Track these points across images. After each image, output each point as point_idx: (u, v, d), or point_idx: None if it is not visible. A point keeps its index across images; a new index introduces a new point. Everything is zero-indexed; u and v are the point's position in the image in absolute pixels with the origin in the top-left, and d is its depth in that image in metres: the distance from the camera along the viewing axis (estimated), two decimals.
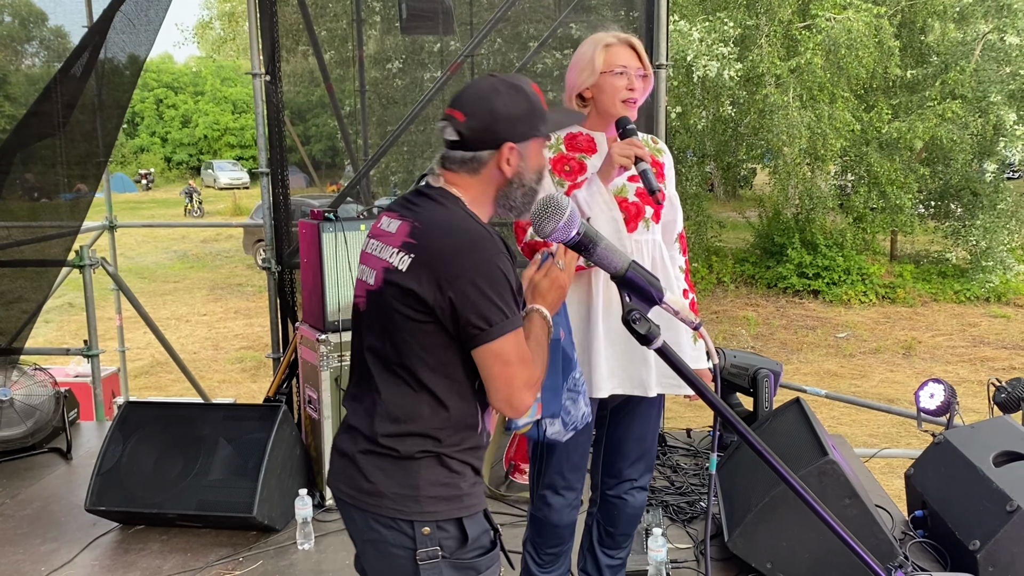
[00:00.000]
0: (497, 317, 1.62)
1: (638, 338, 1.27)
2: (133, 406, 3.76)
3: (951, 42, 16.19)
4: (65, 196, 5.06)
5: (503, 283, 1.63)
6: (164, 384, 10.66)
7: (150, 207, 29.49)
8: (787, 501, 3.01)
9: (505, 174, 1.73)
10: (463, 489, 1.73)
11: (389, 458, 1.70)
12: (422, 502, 1.68)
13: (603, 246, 1.29)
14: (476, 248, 1.63)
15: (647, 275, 1.27)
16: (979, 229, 15.42)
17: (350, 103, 6.51)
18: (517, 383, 1.66)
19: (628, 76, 2.40)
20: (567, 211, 1.32)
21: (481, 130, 1.71)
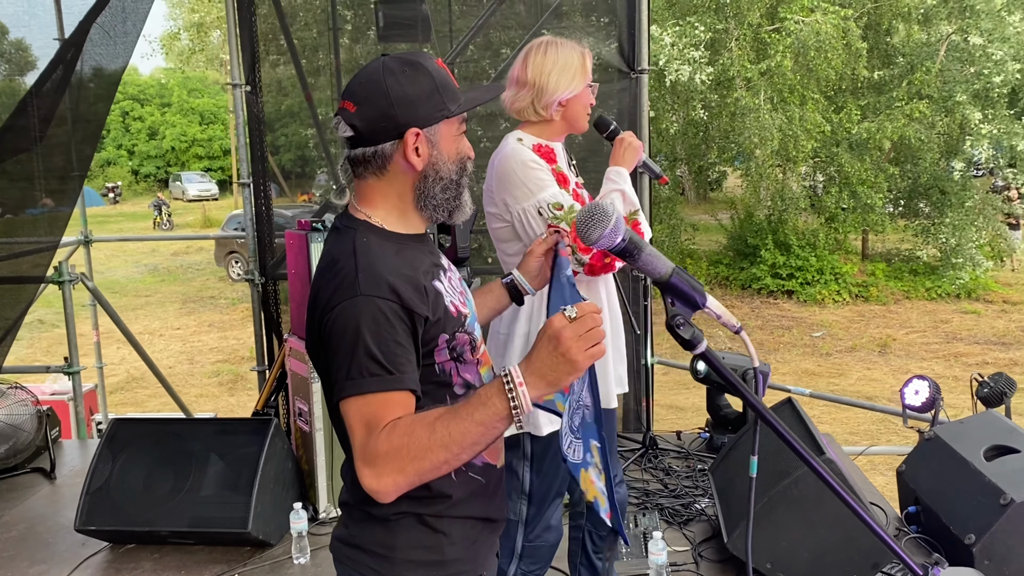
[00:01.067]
0: (339, 375, 1.39)
1: (683, 343, 1.27)
2: (121, 423, 3.70)
3: (916, 43, 16.47)
4: (30, 211, 4.98)
5: (348, 336, 1.38)
6: (140, 400, 10.54)
7: (118, 221, 29.15)
8: (786, 501, 3.02)
9: (416, 167, 1.50)
10: (447, 554, 1.54)
11: (367, 515, 1.54)
12: (397, 565, 1.52)
13: (648, 252, 1.29)
14: (335, 291, 1.41)
15: (690, 280, 1.27)
16: (948, 227, 15.67)
17: (322, 112, 6.48)
18: (356, 453, 1.38)
19: (593, 89, 2.48)
20: (613, 218, 1.31)
21: (378, 118, 1.47)
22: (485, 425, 1.31)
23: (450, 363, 1.52)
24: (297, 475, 3.79)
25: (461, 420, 1.31)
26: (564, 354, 1.26)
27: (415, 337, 1.43)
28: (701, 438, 4.51)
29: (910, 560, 1.36)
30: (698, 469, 4.17)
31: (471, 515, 1.58)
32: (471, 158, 1.60)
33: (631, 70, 4.57)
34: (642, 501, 3.84)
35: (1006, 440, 3.28)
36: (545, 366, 1.28)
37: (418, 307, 1.42)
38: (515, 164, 2.33)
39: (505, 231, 2.41)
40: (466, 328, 1.56)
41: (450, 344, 1.51)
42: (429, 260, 1.56)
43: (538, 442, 2.43)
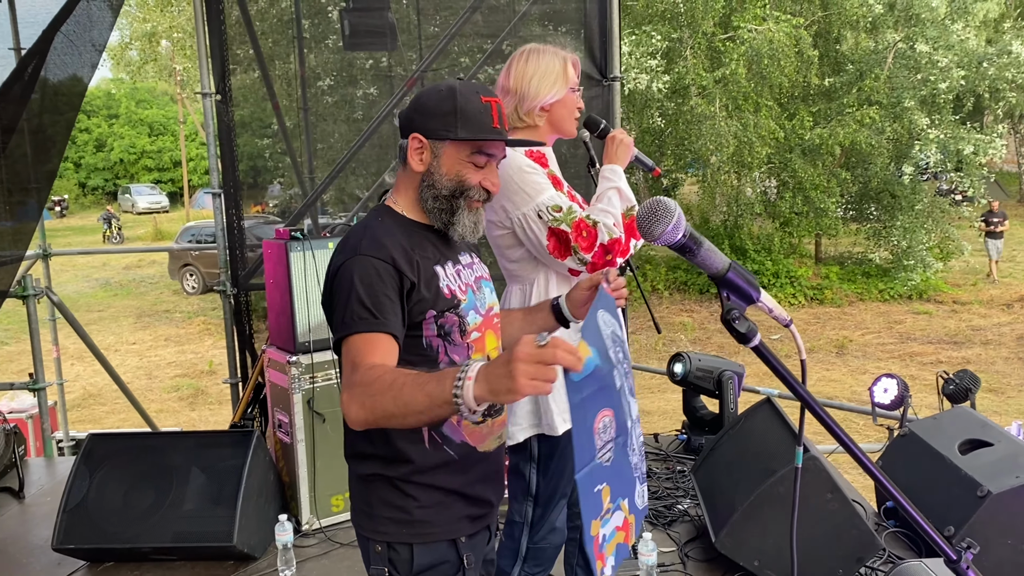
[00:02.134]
0: (336, 319, 1.62)
1: (737, 336, 1.30)
2: (98, 438, 3.62)
3: (865, 51, 16.88)
4: None
5: (345, 288, 1.61)
6: (98, 417, 10.32)
7: (66, 234, 28.49)
8: (772, 499, 3.07)
9: (413, 167, 1.72)
10: (415, 515, 1.69)
11: (354, 474, 1.77)
12: (375, 520, 1.71)
13: (706, 247, 1.32)
14: (340, 251, 1.68)
15: (746, 274, 1.30)
16: (899, 229, 16.05)
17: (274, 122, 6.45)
18: (343, 384, 1.57)
19: (578, 93, 2.50)
20: (676, 214, 1.33)
21: (405, 117, 1.74)
22: (430, 399, 1.39)
23: (437, 340, 1.69)
24: (279, 487, 3.75)
25: (416, 386, 1.42)
26: (511, 373, 1.29)
27: (402, 293, 1.63)
28: (678, 440, 4.56)
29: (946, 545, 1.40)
30: (677, 470, 4.22)
31: (440, 485, 1.70)
32: (480, 187, 1.74)
33: (603, 78, 4.62)
34: None
35: (979, 434, 3.38)
36: (493, 374, 1.33)
37: (406, 271, 1.63)
38: (511, 170, 2.34)
39: (506, 238, 2.42)
40: (458, 311, 1.71)
41: (437, 321, 1.68)
42: (437, 248, 1.75)
43: (545, 443, 2.44)
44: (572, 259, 2.33)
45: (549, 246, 2.33)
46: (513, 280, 2.53)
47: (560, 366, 1.29)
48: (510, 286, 2.55)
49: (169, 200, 36.60)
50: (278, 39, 6.02)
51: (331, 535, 3.69)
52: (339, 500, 3.80)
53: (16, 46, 5.14)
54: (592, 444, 1.42)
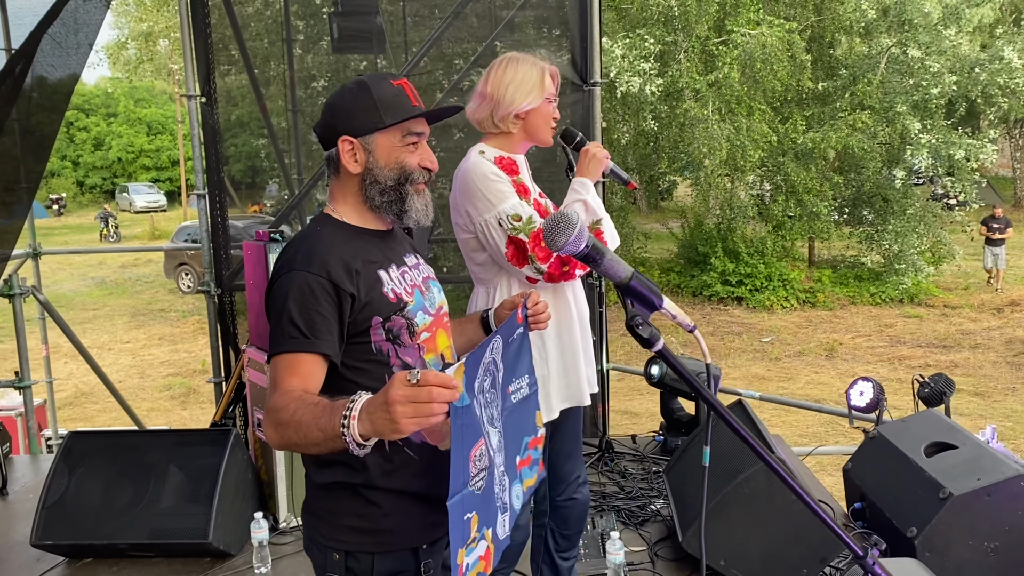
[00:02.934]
0: (271, 337, 1.62)
1: (642, 342, 1.35)
2: (77, 436, 3.67)
3: (858, 56, 16.94)
4: None
5: (278, 304, 1.61)
6: (90, 415, 10.35)
7: (63, 233, 28.55)
8: (737, 500, 3.13)
9: (351, 171, 1.71)
10: (378, 524, 1.68)
11: (313, 484, 1.73)
12: (336, 529, 1.69)
13: (609, 257, 1.38)
14: (279, 268, 1.67)
15: (648, 283, 1.35)
16: (891, 234, 16.11)
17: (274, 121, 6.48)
18: (268, 404, 1.56)
19: (554, 103, 2.54)
20: (577, 226, 1.40)
21: (324, 127, 1.73)
22: (323, 433, 1.40)
23: (387, 344, 1.68)
24: (257, 485, 3.80)
25: (312, 420, 1.43)
26: (390, 414, 1.29)
27: (340, 310, 1.61)
28: (656, 441, 4.61)
29: (852, 543, 1.45)
30: (653, 471, 4.27)
31: (403, 489, 1.68)
32: (422, 168, 1.77)
33: (584, 83, 4.67)
34: (599, 503, 3.92)
35: (945, 437, 3.43)
36: (375, 414, 1.33)
37: (344, 284, 1.60)
38: (476, 177, 2.40)
39: (471, 242, 2.48)
40: (404, 313, 1.70)
41: (384, 326, 1.67)
42: (381, 252, 1.75)
43: None
44: (529, 268, 2.39)
45: (507, 253, 2.39)
46: (479, 282, 2.59)
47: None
48: (476, 288, 2.61)
49: (167, 199, 36.65)
50: (273, 40, 6.07)
51: None
52: None
53: (7, 47, 5.19)
54: (467, 471, 1.41)
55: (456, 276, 5.63)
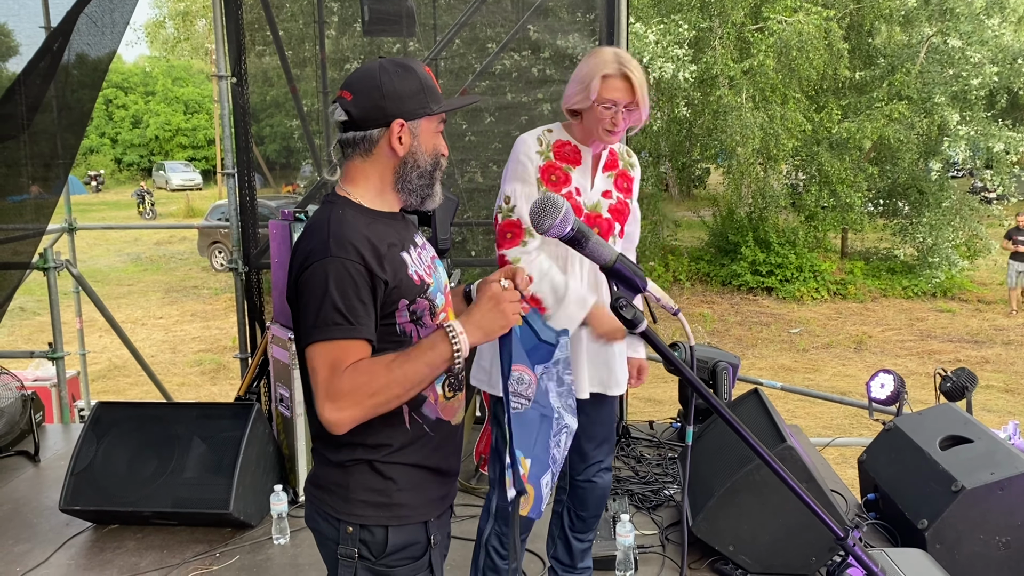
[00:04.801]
0: (306, 324, 1.61)
1: (625, 323, 1.39)
2: (105, 406, 3.78)
3: (897, 45, 16.67)
4: (12, 198, 5.02)
5: (317, 291, 1.59)
6: (122, 388, 10.56)
7: (100, 209, 29.00)
8: (748, 487, 3.15)
9: (398, 153, 1.72)
10: (393, 498, 1.72)
11: (327, 460, 1.75)
12: (351, 504, 1.71)
13: (594, 240, 1.42)
14: (310, 252, 1.63)
15: (632, 266, 1.39)
16: (925, 226, 15.88)
17: (307, 103, 6.54)
18: (320, 390, 1.59)
19: (615, 111, 2.43)
20: (563, 209, 1.44)
21: (370, 107, 1.69)
22: (431, 366, 1.60)
23: (410, 325, 1.72)
24: (278, 459, 3.89)
25: (412, 361, 1.59)
26: (503, 312, 1.61)
27: (375, 296, 1.64)
28: (673, 428, 4.64)
29: (832, 523, 1.48)
30: (668, 457, 4.30)
31: (418, 463, 1.76)
32: (445, 155, 1.82)
33: None
34: (613, 487, 3.96)
35: (961, 431, 3.43)
36: (485, 319, 1.61)
37: (378, 271, 1.63)
38: (513, 152, 2.51)
39: None
40: (427, 295, 1.75)
41: (410, 308, 1.71)
42: (399, 234, 1.77)
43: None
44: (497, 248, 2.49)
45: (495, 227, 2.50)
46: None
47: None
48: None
49: (202, 178, 37.07)
50: (307, 21, 6.12)
51: None
52: None
53: (47, 24, 5.30)
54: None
55: (483, 259, 5.68)
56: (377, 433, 1.69)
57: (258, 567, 3.35)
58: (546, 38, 5.37)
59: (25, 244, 4.96)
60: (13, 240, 4.91)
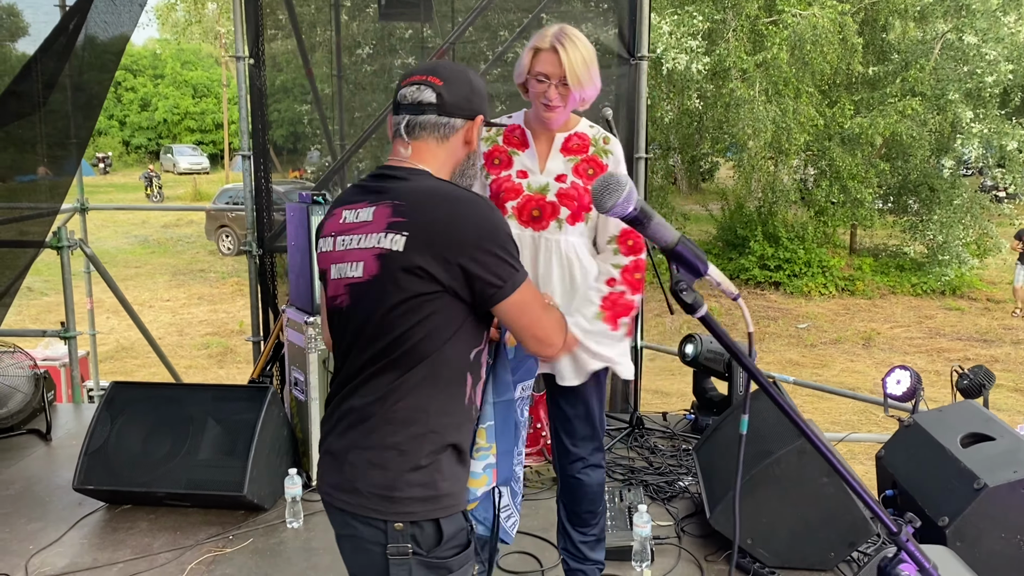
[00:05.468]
0: (508, 272, 1.64)
1: (685, 307, 1.36)
2: (119, 386, 3.76)
3: (911, 40, 16.55)
4: (20, 178, 5.00)
5: (505, 237, 1.66)
6: (129, 370, 10.57)
7: (108, 191, 28.98)
8: (767, 480, 3.13)
9: (470, 147, 1.80)
10: (441, 489, 1.69)
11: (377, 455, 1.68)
12: (399, 502, 1.66)
13: (656, 220, 1.38)
14: (473, 212, 1.65)
15: (695, 249, 1.35)
16: (936, 224, 15.81)
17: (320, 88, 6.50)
18: (543, 323, 1.72)
19: (547, 85, 2.42)
20: (627, 187, 1.39)
21: (461, 97, 1.76)
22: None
23: None
24: (292, 443, 3.87)
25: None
26: None
27: None
28: (686, 419, 4.61)
29: (887, 518, 1.45)
30: (682, 449, 4.27)
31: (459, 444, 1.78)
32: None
33: (631, 56, 4.63)
34: (627, 477, 3.94)
35: (983, 428, 3.39)
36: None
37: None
38: None
39: None
40: None
41: None
42: None
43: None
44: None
45: None
46: None
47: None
48: None
49: (209, 162, 37.04)
50: (320, 6, 6.08)
51: None
52: None
53: (61, 3, 5.26)
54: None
55: None
56: (454, 414, 1.71)
57: (272, 550, 3.34)
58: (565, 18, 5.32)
59: (38, 223, 4.94)
60: (26, 219, 4.89)
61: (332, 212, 1.79)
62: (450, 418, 1.70)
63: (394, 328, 1.64)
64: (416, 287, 1.62)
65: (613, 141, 2.65)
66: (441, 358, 1.66)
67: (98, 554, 3.30)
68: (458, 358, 1.69)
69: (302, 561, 3.26)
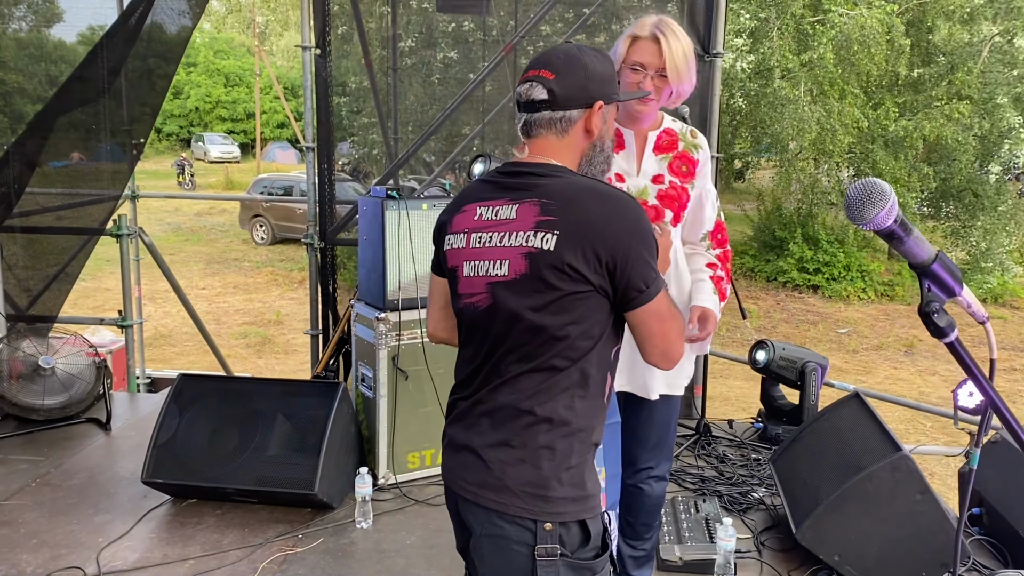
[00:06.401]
0: (651, 277, 1.62)
1: (934, 330, 1.25)
2: (187, 379, 3.72)
3: (958, 43, 16.25)
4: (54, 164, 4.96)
5: (652, 241, 1.63)
6: (168, 357, 10.58)
7: (140, 178, 28.47)
8: (859, 495, 3.02)
9: (591, 136, 1.72)
10: (589, 489, 1.68)
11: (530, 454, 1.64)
12: (552, 502, 1.63)
13: (915, 235, 1.27)
14: (626, 212, 1.61)
15: (952, 267, 1.25)
16: (979, 230, 15.55)
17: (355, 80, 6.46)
18: (673, 335, 1.66)
19: (644, 76, 2.30)
20: (890, 198, 1.28)
21: (574, 87, 1.68)
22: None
23: None
24: (358, 440, 3.81)
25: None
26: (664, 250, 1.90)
27: None
28: (754, 428, 4.50)
29: None
30: (752, 458, 4.17)
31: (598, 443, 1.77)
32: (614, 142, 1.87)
33: (706, 53, 4.53)
34: (699, 487, 3.85)
35: None
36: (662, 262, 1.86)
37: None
38: None
39: None
40: None
41: None
42: None
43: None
44: None
45: None
46: None
47: None
48: None
49: (240, 151, 37.16)
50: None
51: (406, 491, 3.75)
52: (415, 457, 3.84)
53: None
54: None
55: None
56: (590, 414, 1.67)
57: (343, 551, 3.27)
58: (628, 21, 5.22)
59: (100, 209, 4.92)
60: (90, 203, 4.87)
61: (461, 208, 1.73)
62: (595, 418, 1.69)
63: (546, 328, 1.60)
64: (568, 286, 1.58)
65: (700, 135, 2.56)
66: (591, 358, 1.64)
67: (168, 549, 3.25)
68: (604, 357, 1.67)
69: (375, 563, 3.20)
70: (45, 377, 4.27)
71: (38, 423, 4.34)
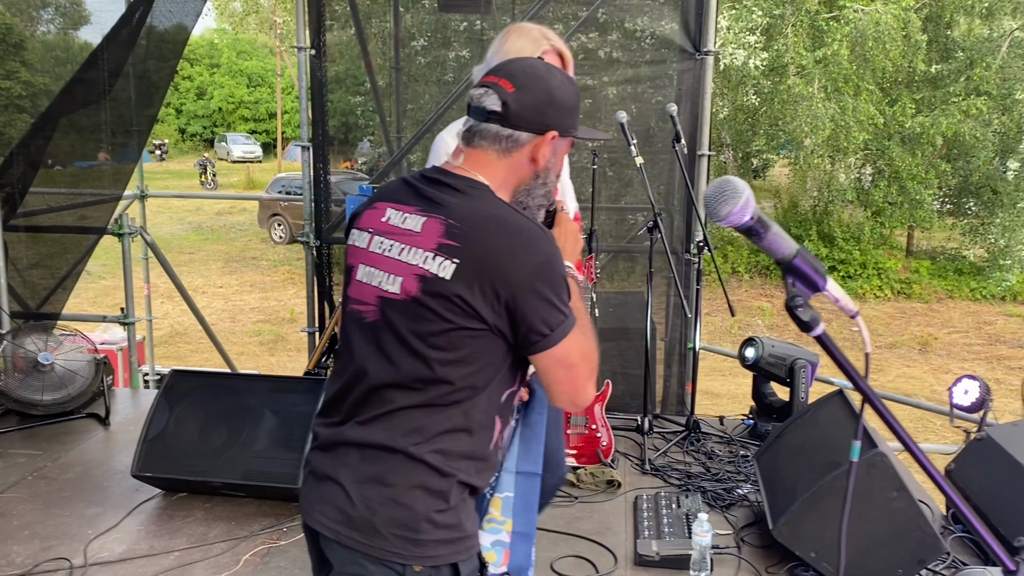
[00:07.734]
0: (557, 320, 1.49)
1: (800, 325, 1.28)
2: (178, 375, 3.79)
3: (977, 38, 16.09)
4: (79, 164, 5.06)
5: (561, 283, 1.51)
6: (182, 355, 10.74)
7: (164, 178, 29.48)
8: (835, 492, 3.03)
9: (536, 165, 1.59)
10: (466, 530, 1.58)
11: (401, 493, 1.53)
12: (423, 545, 1.52)
13: (774, 231, 1.29)
14: (532, 248, 1.49)
15: (814, 262, 1.28)
16: (998, 227, 15.39)
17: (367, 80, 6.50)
18: (581, 381, 1.55)
19: None
20: (745, 194, 1.30)
21: (531, 108, 1.55)
22: (580, 301, 1.64)
23: None
24: None
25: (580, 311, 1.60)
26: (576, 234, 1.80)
27: None
28: (744, 424, 4.51)
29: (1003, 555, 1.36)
30: (740, 455, 4.18)
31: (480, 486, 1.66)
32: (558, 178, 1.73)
33: (696, 51, 4.53)
34: (684, 483, 3.86)
35: None
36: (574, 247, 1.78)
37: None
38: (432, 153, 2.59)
39: None
40: None
41: None
42: None
43: None
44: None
45: None
46: None
47: None
48: None
49: (262, 151, 37.49)
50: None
51: None
52: None
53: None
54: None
55: None
56: (470, 461, 1.56)
57: None
58: (616, 19, 5.23)
59: (99, 209, 5.01)
60: (88, 204, 4.96)
61: (374, 204, 1.63)
62: (477, 462, 1.58)
63: (431, 361, 1.49)
64: (459, 320, 1.47)
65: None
66: (478, 401, 1.53)
67: (155, 541, 3.32)
68: (491, 401, 1.56)
69: None
70: (44, 373, 4.36)
71: (38, 418, 4.43)
